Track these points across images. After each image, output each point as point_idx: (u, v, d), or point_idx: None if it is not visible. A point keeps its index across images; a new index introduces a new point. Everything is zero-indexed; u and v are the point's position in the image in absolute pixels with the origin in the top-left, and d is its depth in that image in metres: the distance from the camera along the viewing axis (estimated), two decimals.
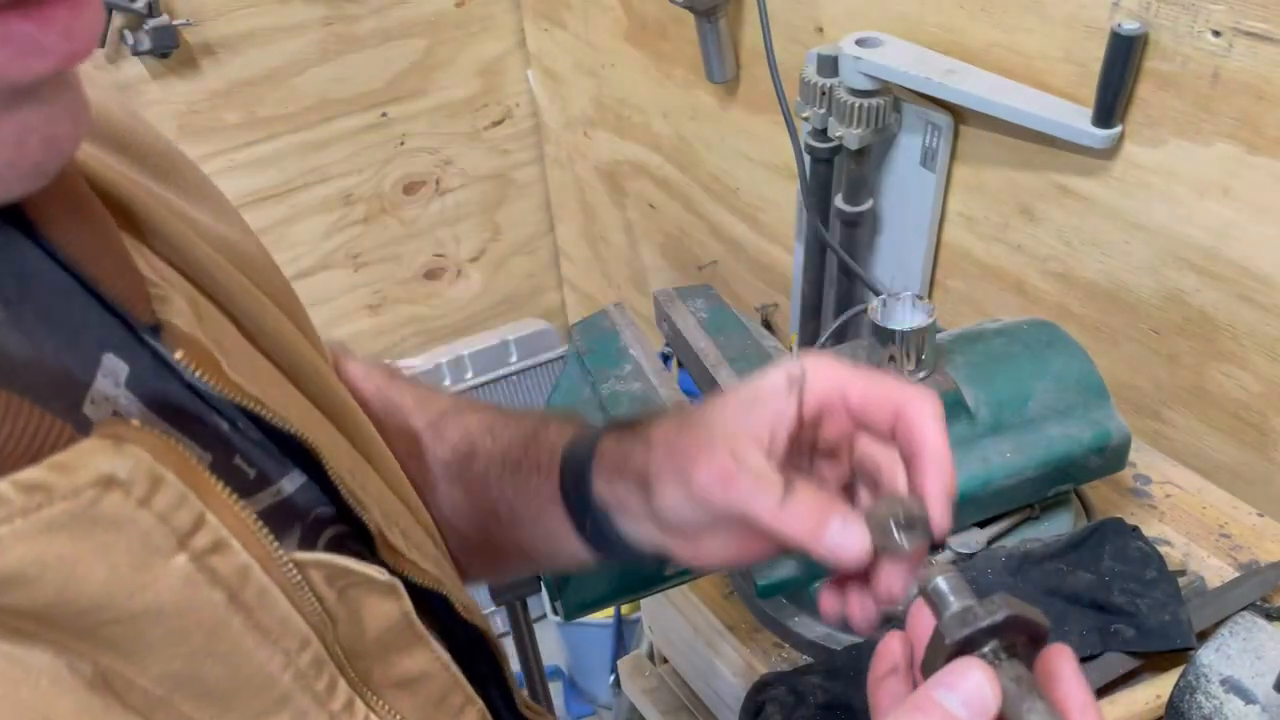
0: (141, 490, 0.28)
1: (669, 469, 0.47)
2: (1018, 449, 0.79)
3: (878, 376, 0.47)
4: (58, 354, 0.32)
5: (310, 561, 0.35)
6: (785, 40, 1.24)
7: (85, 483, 0.27)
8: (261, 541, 0.32)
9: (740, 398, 0.47)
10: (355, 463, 0.42)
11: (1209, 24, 0.83)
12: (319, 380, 0.44)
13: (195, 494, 0.30)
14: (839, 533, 0.42)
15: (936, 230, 1.17)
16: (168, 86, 1.61)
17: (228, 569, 0.31)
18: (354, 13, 1.71)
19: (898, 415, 0.45)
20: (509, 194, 2.05)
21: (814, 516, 0.43)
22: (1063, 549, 0.79)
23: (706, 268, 1.69)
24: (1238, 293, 0.90)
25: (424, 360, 2.01)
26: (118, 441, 0.28)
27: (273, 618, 0.32)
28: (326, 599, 0.35)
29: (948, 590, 0.40)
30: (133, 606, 0.28)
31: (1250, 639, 0.70)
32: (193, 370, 0.34)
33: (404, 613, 0.39)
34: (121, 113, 0.43)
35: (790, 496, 0.43)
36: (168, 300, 0.34)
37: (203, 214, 0.44)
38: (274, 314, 0.43)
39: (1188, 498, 0.91)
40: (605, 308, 0.89)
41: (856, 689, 0.73)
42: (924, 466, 0.44)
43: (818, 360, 0.48)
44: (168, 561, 0.29)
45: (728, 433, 0.46)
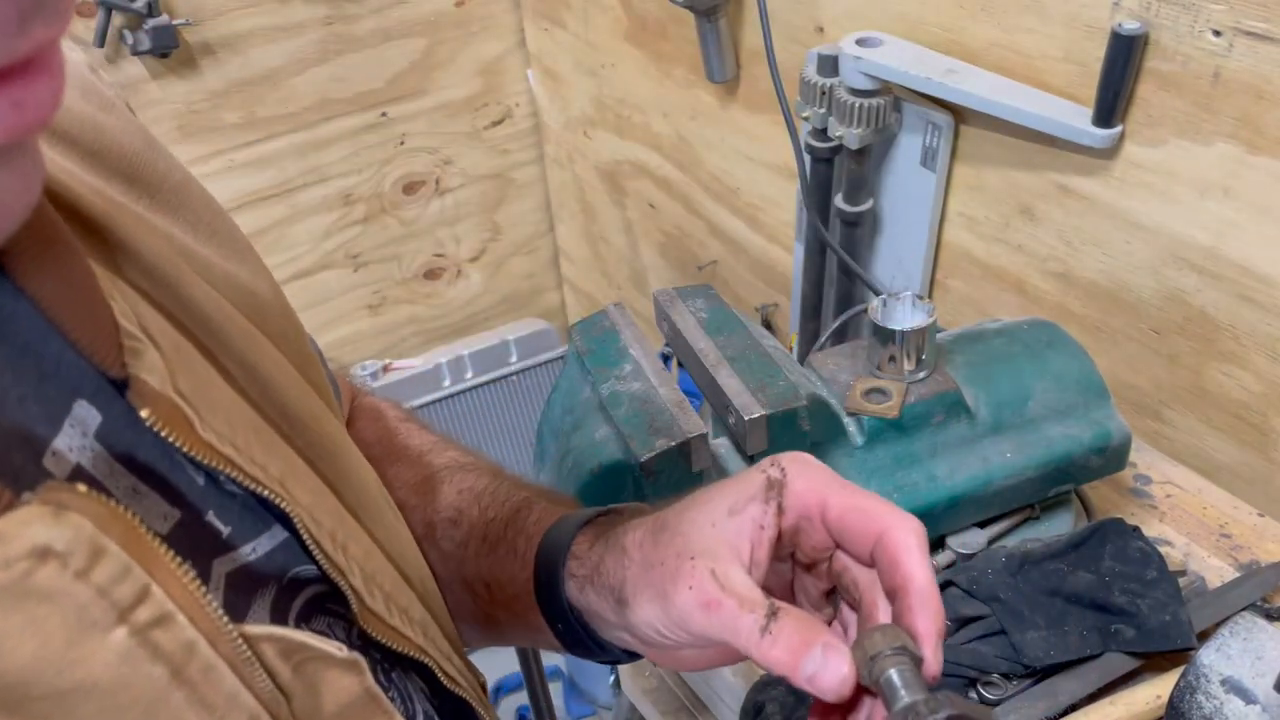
0: (80, 562, 0.27)
1: (645, 585, 0.45)
2: (1018, 449, 0.79)
3: (859, 494, 0.44)
4: (21, 402, 0.30)
5: (263, 635, 0.33)
6: (785, 40, 1.24)
7: (18, 554, 0.26)
8: (210, 615, 0.31)
9: (717, 504, 0.45)
10: (339, 522, 0.41)
11: (1209, 24, 0.83)
12: (315, 430, 0.42)
13: (140, 565, 0.29)
14: (818, 663, 0.40)
15: (936, 230, 1.17)
16: (167, 86, 1.61)
17: (172, 644, 0.29)
18: (354, 12, 1.71)
19: (878, 542, 0.42)
20: (509, 194, 2.05)
21: (797, 647, 0.40)
22: (1063, 549, 0.79)
23: (706, 268, 1.69)
24: (1238, 293, 0.90)
25: (424, 360, 2.01)
26: (58, 509, 0.27)
27: (219, 694, 0.31)
28: (280, 674, 0.34)
29: (899, 683, 0.39)
30: (62, 683, 0.27)
31: (1251, 639, 0.70)
32: (159, 429, 0.32)
33: (365, 688, 0.38)
34: (137, 142, 0.42)
35: (774, 622, 0.41)
36: (140, 354, 0.33)
37: (211, 250, 0.43)
38: (273, 359, 0.42)
39: (1188, 498, 0.90)
40: (605, 308, 0.89)
41: None
42: (913, 606, 0.41)
43: (798, 465, 0.45)
44: (105, 636, 0.28)
45: (707, 549, 0.43)
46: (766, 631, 0.40)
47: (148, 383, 0.32)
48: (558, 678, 2.05)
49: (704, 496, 0.46)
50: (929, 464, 0.78)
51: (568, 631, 0.50)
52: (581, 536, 0.50)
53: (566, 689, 2.05)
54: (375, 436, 0.62)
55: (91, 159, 0.39)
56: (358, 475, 0.45)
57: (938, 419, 0.79)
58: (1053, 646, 0.72)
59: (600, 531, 0.50)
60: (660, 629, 0.44)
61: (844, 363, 0.83)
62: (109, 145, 0.40)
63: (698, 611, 0.42)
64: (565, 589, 0.49)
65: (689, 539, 0.44)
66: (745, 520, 0.44)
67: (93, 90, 0.42)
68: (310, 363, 0.48)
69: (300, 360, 0.46)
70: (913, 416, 0.78)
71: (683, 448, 0.74)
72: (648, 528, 0.46)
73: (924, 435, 0.79)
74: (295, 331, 0.47)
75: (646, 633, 0.45)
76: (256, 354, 0.40)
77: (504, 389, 2.06)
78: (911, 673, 0.39)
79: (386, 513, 0.47)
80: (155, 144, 0.43)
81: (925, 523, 0.84)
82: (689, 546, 0.44)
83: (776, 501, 0.44)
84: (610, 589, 0.47)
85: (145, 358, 0.33)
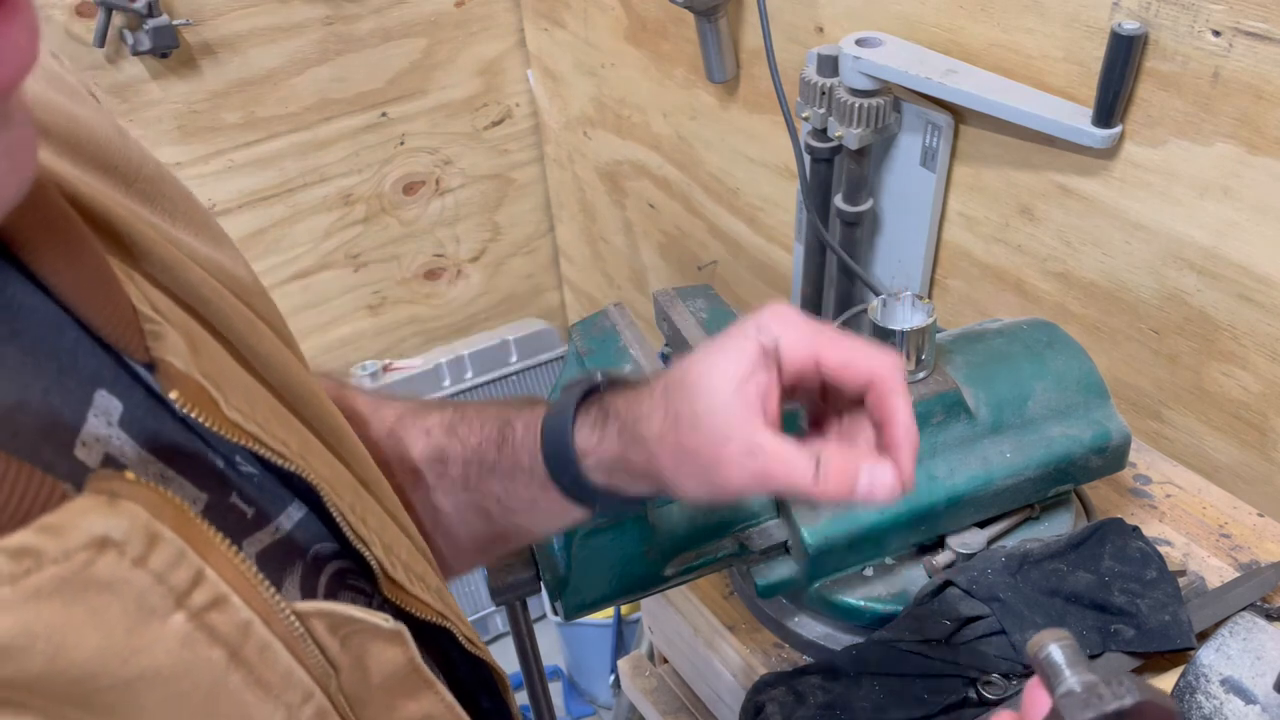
0: (137, 549, 0.27)
1: (687, 474, 0.49)
2: (1018, 449, 0.79)
3: (843, 346, 0.49)
4: (46, 395, 0.30)
5: (312, 611, 0.34)
6: (785, 40, 1.24)
7: (77, 545, 0.26)
8: (262, 594, 0.31)
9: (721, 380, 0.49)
10: (356, 495, 0.41)
11: (1209, 24, 0.83)
12: (316, 406, 0.43)
13: (193, 549, 0.29)
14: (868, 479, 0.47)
15: (936, 230, 1.17)
16: (167, 86, 1.61)
17: (228, 626, 0.30)
18: (354, 12, 1.71)
19: (869, 385, 0.49)
20: (509, 194, 2.05)
21: (847, 476, 0.47)
22: (1063, 549, 0.79)
23: (706, 268, 1.69)
24: (1238, 293, 0.90)
25: (424, 360, 2.01)
26: (112, 498, 0.27)
27: (275, 672, 0.31)
28: (329, 648, 0.34)
29: (1063, 662, 0.37)
30: (127, 672, 0.27)
31: (1250, 639, 0.70)
32: (188, 411, 0.32)
33: (409, 658, 0.38)
34: (109, 131, 0.41)
35: (821, 466, 0.47)
36: (162, 337, 0.33)
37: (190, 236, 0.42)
38: (270, 340, 0.42)
39: (1188, 498, 0.91)
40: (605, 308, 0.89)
41: (856, 689, 0.73)
42: (896, 434, 0.49)
43: (784, 324, 0.50)
44: (165, 622, 0.28)
45: (734, 427, 0.48)
46: (818, 474, 0.47)
47: (173, 364, 0.32)
48: (558, 678, 2.05)
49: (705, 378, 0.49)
50: (929, 464, 0.78)
51: (605, 505, 0.55)
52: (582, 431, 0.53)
53: (566, 689, 2.05)
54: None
55: (70, 151, 0.38)
56: (360, 450, 0.46)
57: (937, 419, 0.79)
58: None
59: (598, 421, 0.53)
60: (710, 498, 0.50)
61: None
62: (84, 136, 0.39)
63: (755, 483, 0.48)
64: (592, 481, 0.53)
65: (713, 427, 0.48)
66: (752, 390, 0.48)
67: (59, 79, 0.41)
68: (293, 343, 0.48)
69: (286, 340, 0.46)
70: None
71: None
72: (663, 420, 0.50)
73: (924, 435, 0.79)
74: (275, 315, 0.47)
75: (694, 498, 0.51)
76: (255, 335, 0.40)
77: (504, 389, 2.06)
78: (1075, 652, 0.38)
79: (385, 482, 0.48)
80: (125, 133, 0.43)
81: (925, 523, 0.84)
82: (717, 434, 0.48)
83: (775, 366, 0.49)
84: (645, 475, 0.51)
85: (167, 340, 0.32)
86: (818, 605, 0.81)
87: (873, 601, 0.80)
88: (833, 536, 0.76)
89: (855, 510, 0.75)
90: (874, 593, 0.80)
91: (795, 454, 0.48)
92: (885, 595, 0.80)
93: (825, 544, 0.76)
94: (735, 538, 0.80)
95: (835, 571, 0.79)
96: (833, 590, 0.80)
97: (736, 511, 0.80)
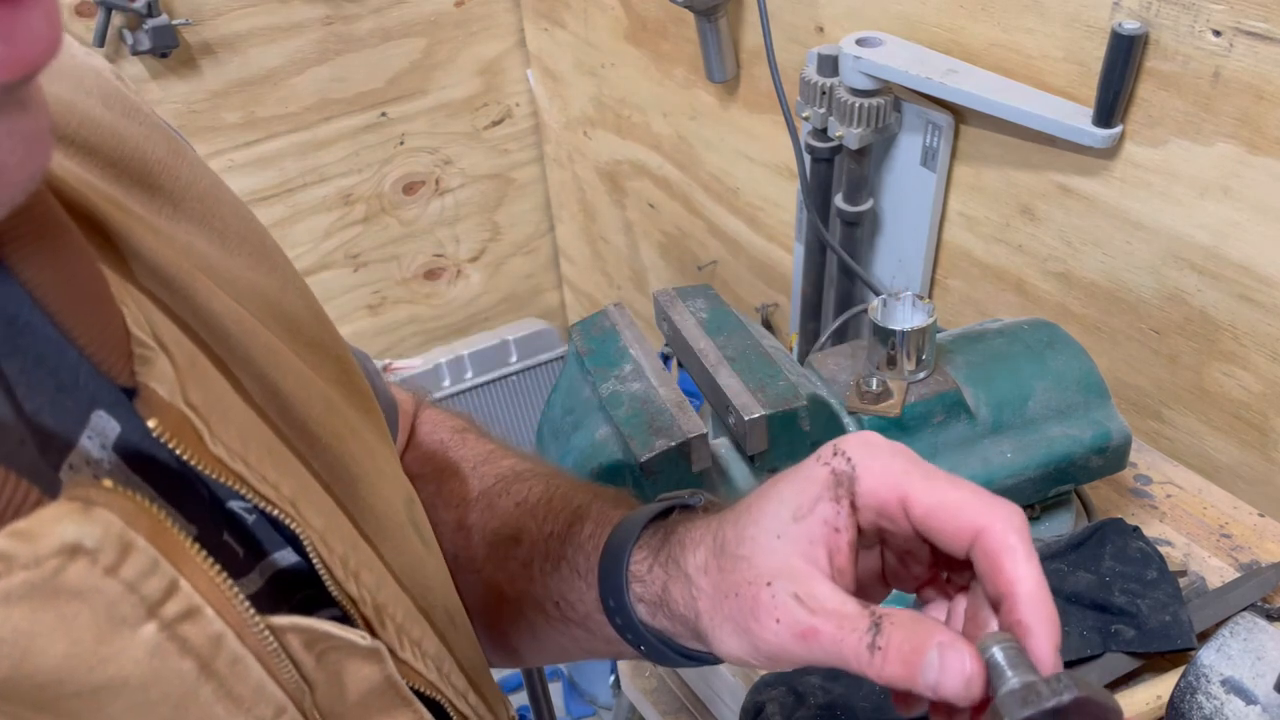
0: (109, 558, 0.27)
1: (723, 621, 0.41)
2: (1018, 449, 0.79)
3: (943, 484, 0.39)
4: (38, 413, 0.30)
5: (288, 626, 0.33)
6: (785, 40, 1.24)
7: (48, 551, 0.25)
8: (236, 608, 0.31)
9: (778, 512, 0.40)
10: (352, 548, 0.39)
11: (1209, 24, 0.83)
12: (335, 450, 0.41)
13: (167, 559, 0.28)
14: (936, 670, 0.35)
15: (936, 230, 1.17)
16: (167, 86, 1.61)
17: (200, 638, 0.29)
18: (354, 12, 1.71)
19: (975, 543, 0.38)
20: (509, 194, 2.05)
21: (910, 657, 0.36)
22: (1063, 549, 0.79)
23: (706, 268, 1.69)
24: (1238, 293, 0.90)
25: (424, 360, 2.01)
26: (86, 505, 0.26)
27: (246, 686, 0.31)
28: (304, 664, 0.34)
29: (1004, 663, 0.36)
30: (94, 680, 0.27)
31: (1251, 639, 0.70)
32: (166, 441, 0.31)
33: (386, 675, 0.37)
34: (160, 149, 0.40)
35: (879, 635, 0.37)
36: (150, 362, 0.31)
37: (239, 261, 0.41)
38: (297, 375, 0.40)
39: (1188, 498, 0.90)
40: (605, 308, 0.89)
41: (856, 689, 0.73)
42: (1024, 619, 0.36)
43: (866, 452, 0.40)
44: (135, 632, 0.28)
45: (781, 569, 0.39)
46: (875, 648, 0.36)
47: (156, 392, 0.31)
48: (558, 678, 2.05)
49: (762, 504, 0.41)
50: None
51: (652, 651, 0.47)
52: (638, 555, 0.46)
53: (566, 689, 2.05)
54: (430, 451, 0.60)
55: (112, 169, 0.38)
56: (382, 500, 0.43)
57: (938, 419, 0.79)
58: None
59: (657, 546, 0.46)
60: (751, 661, 0.41)
61: (844, 363, 0.83)
62: (130, 154, 0.39)
63: (794, 644, 0.38)
64: (637, 615, 0.46)
65: (757, 561, 0.40)
66: (815, 525, 0.39)
67: (116, 96, 0.41)
68: (350, 375, 0.46)
69: (337, 372, 0.44)
70: (913, 416, 0.78)
71: (683, 448, 0.73)
72: (709, 549, 0.42)
73: (924, 435, 0.79)
74: (331, 341, 0.45)
75: (736, 662, 0.42)
76: (278, 370, 0.39)
77: (504, 389, 2.06)
78: (1017, 653, 0.36)
79: (412, 541, 0.45)
80: (181, 150, 0.42)
81: None
82: (760, 570, 0.39)
83: (848, 499, 0.39)
84: (683, 619, 0.43)
85: (155, 366, 0.32)
86: None
87: None
88: None
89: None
90: None
91: (855, 616, 0.37)
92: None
93: None
94: None
95: None
96: None
97: None
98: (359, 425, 0.44)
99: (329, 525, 0.37)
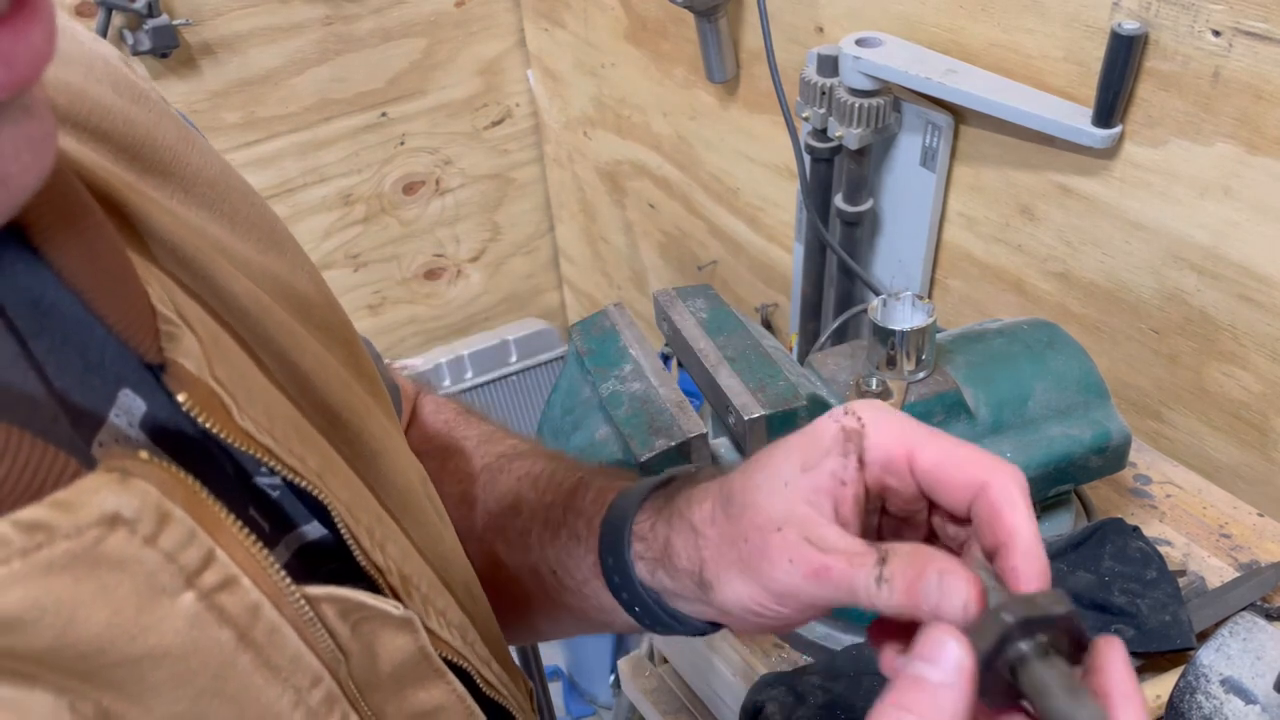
0: (148, 528, 0.27)
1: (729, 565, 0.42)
2: (1018, 449, 0.79)
3: (950, 442, 0.40)
4: (68, 390, 0.30)
5: (323, 596, 0.33)
6: (785, 40, 1.24)
7: (88, 521, 0.26)
8: (272, 577, 0.31)
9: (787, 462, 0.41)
10: (377, 520, 0.39)
11: (1209, 24, 0.83)
12: (355, 427, 0.41)
13: (204, 529, 0.29)
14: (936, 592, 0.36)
15: (936, 230, 1.17)
16: (167, 86, 1.61)
17: (237, 607, 0.30)
18: (354, 13, 1.71)
19: (977, 495, 0.38)
20: (509, 194, 2.05)
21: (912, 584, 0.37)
22: (1063, 549, 0.79)
23: (706, 268, 1.69)
24: (1238, 293, 0.90)
25: (424, 360, 2.01)
26: (124, 476, 0.27)
27: (283, 655, 0.31)
28: (339, 634, 0.34)
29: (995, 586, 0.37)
30: (135, 649, 0.27)
31: (1250, 639, 0.70)
32: (196, 415, 0.32)
33: (419, 646, 0.38)
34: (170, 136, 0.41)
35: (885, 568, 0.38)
36: (177, 339, 0.32)
37: (249, 245, 0.42)
38: (314, 354, 0.41)
39: (1188, 498, 0.90)
40: (605, 308, 0.89)
41: (856, 689, 0.73)
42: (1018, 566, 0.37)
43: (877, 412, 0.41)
44: (174, 601, 0.28)
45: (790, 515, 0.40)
46: (882, 580, 0.37)
47: (184, 366, 0.32)
48: (558, 677, 2.05)
49: (770, 457, 0.42)
50: None
51: (645, 613, 0.48)
52: (642, 515, 0.47)
53: (566, 689, 2.05)
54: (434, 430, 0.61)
55: (125, 154, 0.38)
56: (401, 476, 0.44)
57: (938, 419, 0.79)
58: None
59: (660, 506, 0.47)
60: (759, 607, 0.41)
61: (844, 363, 0.83)
62: (141, 139, 0.39)
63: (806, 583, 0.39)
64: (635, 572, 0.47)
65: (765, 508, 0.41)
66: (822, 475, 0.40)
67: (124, 83, 0.41)
68: (359, 358, 0.47)
69: (346, 354, 0.45)
70: (912, 416, 0.78)
71: (683, 448, 0.74)
72: (715, 500, 0.43)
73: None
74: (341, 325, 0.46)
75: (739, 611, 0.42)
76: (296, 349, 0.39)
77: (504, 389, 2.06)
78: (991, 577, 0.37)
79: (430, 515, 0.46)
80: (190, 136, 0.42)
81: None
82: (769, 516, 0.41)
83: (856, 453, 0.40)
84: (686, 571, 0.44)
85: (182, 342, 0.32)
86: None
87: None
88: None
89: None
90: None
91: (863, 553, 0.38)
92: None
93: None
94: None
95: None
96: None
97: None
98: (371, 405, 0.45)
99: (354, 498, 0.38)
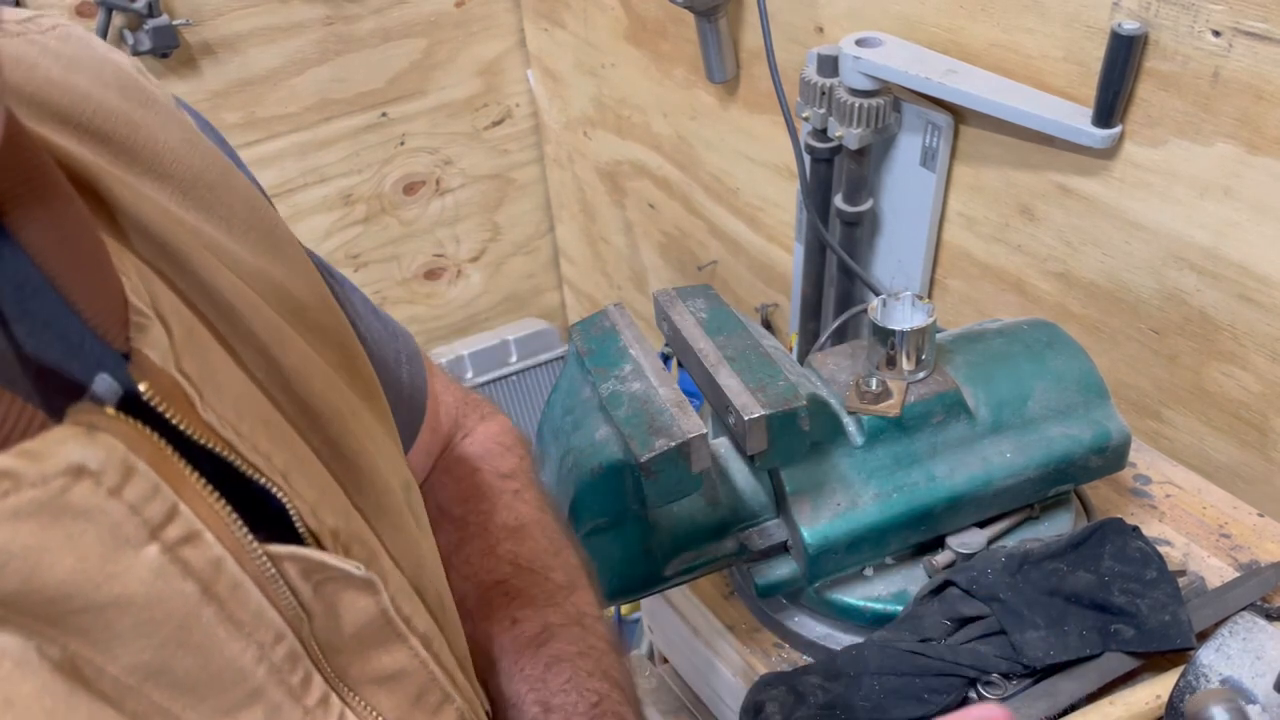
0: (113, 480, 0.28)
1: None
2: (1018, 449, 0.79)
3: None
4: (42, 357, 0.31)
5: (285, 555, 0.34)
6: (785, 40, 1.24)
7: (54, 471, 0.27)
8: (235, 534, 0.32)
9: None
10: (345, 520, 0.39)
11: (1209, 24, 0.83)
12: (337, 427, 0.42)
13: (168, 484, 0.30)
14: None
15: (936, 230, 1.17)
16: (167, 86, 1.59)
17: (200, 561, 0.30)
18: (354, 13, 1.71)
19: None
20: (509, 194, 2.05)
21: None
22: (1063, 549, 0.79)
23: (706, 268, 1.69)
24: (1238, 293, 0.90)
25: None
26: (90, 429, 0.28)
27: (246, 610, 0.32)
28: (302, 593, 0.35)
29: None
30: (100, 597, 0.28)
31: (1250, 639, 0.70)
32: (157, 405, 0.32)
33: (382, 609, 0.38)
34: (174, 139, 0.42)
35: None
36: (146, 329, 0.32)
37: (245, 247, 0.42)
38: (301, 354, 0.41)
39: (1188, 498, 0.91)
40: (605, 308, 0.89)
41: (856, 689, 0.73)
42: None
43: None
44: (138, 553, 0.29)
45: None
46: None
47: (149, 357, 0.32)
48: None
49: None
50: (929, 464, 0.78)
51: None
52: None
53: None
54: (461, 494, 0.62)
55: (125, 155, 0.39)
56: (381, 479, 0.44)
57: (938, 419, 0.79)
58: (1052, 646, 0.72)
59: None
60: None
61: (844, 363, 0.83)
62: (143, 142, 0.40)
63: None
64: None
65: None
66: None
67: (134, 88, 0.43)
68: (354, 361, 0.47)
69: (340, 357, 0.45)
70: (913, 416, 0.78)
71: (683, 448, 0.73)
72: None
73: (924, 435, 0.79)
74: (336, 329, 0.46)
75: None
76: (280, 346, 0.40)
77: (504, 389, 2.06)
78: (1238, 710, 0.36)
79: (407, 521, 0.46)
80: (195, 140, 0.43)
81: (925, 523, 0.84)
82: None
83: None
84: None
85: (150, 333, 0.33)
86: (818, 605, 0.81)
87: (873, 601, 0.80)
88: (833, 536, 0.76)
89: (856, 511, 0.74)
90: (874, 593, 0.80)
91: None
92: (885, 595, 0.80)
93: (825, 544, 0.76)
94: (735, 538, 0.80)
95: (835, 571, 0.79)
96: (833, 590, 0.80)
97: (737, 511, 0.80)
98: (359, 408, 0.45)
99: (322, 499, 0.38)
